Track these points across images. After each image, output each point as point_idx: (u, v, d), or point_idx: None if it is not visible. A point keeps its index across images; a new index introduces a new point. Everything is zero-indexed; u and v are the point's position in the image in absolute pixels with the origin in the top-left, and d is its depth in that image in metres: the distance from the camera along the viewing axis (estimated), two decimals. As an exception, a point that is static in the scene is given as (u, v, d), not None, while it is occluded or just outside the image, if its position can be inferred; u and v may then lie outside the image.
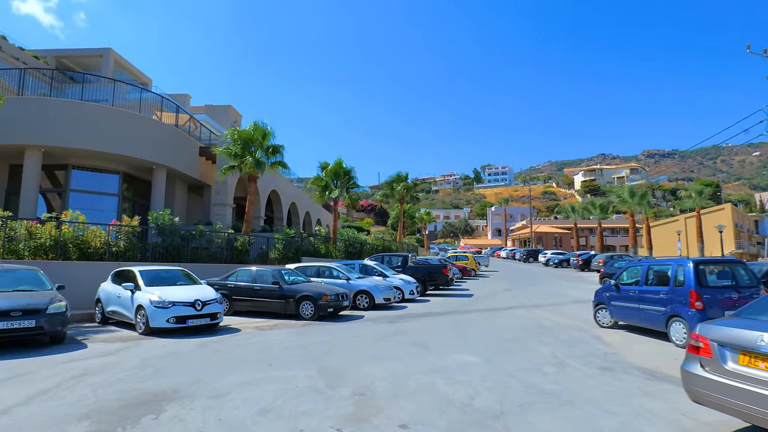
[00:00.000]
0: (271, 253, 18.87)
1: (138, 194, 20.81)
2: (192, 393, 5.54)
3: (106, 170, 19.40)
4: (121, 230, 14.32)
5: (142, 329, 9.77)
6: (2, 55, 24.51)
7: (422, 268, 19.56)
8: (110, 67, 28.18)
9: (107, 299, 11.20)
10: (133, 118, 19.22)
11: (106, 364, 7.11)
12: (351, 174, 24.25)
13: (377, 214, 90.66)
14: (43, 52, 29.10)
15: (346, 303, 12.64)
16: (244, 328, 10.72)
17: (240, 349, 8.38)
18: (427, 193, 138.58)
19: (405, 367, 6.88)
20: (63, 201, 18.22)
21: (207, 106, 33.99)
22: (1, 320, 7.66)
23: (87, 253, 13.37)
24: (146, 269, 11.01)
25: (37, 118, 16.82)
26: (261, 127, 19.05)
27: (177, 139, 20.92)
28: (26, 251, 12.49)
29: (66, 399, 5.30)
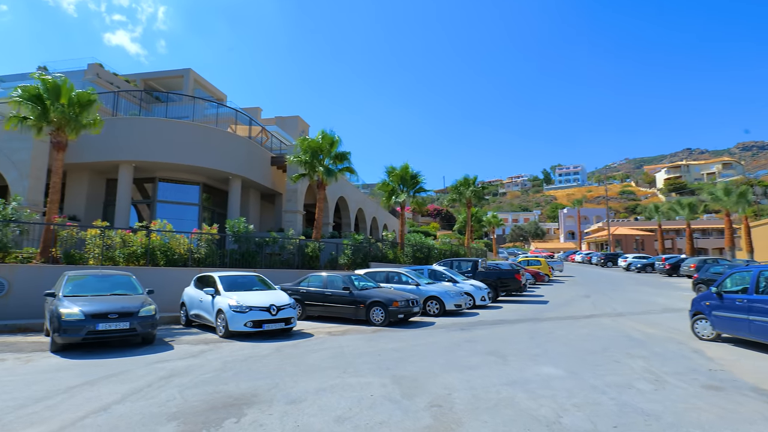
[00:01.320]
0: (341, 259, 19.15)
1: (216, 203, 22.01)
2: (270, 398, 5.62)
3: (188, 182, 20.70)
4: (202, 238, 15.15)
5: (222, 332, 10.20)
6: (100, 81, 27.07)
7: (493, 273, 18.94)
8: (190, 86, 30.21)
9: (190, 303, 11.84)
10: (211, 132, 20.39)
11: (191, 365, 7.44)
12: (417, 178, 24.10)
13: (443, 218, 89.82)
14: (132, 76, 31.82)
15: (417, 309, 12.46)
16: (316, 333, 10.88)
17: (313, 354, 8.46)
18: (494, 196, 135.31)
19: (482, 378, 6.57)
20: (151, 211, 19.67)
21: (277, 117, 35.43)
22: (101, 322, 8.29)
23: (172, 260, 14.27)
24: (225, 275, 11.52)
25: (128, 136, 18.31)
26: (328, 135, 19.45)
27: (250, 150, 21.91)
28: (121, 258, 13.54)
29: (156, 399, 5.56)
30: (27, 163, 16.55)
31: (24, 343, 9.32)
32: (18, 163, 16.65)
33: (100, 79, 27.24)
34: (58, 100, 13.47)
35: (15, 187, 16.45)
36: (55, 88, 13.47)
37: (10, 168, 16.70)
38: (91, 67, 28.19)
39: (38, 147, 16.62)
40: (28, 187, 16.32)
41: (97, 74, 27.53)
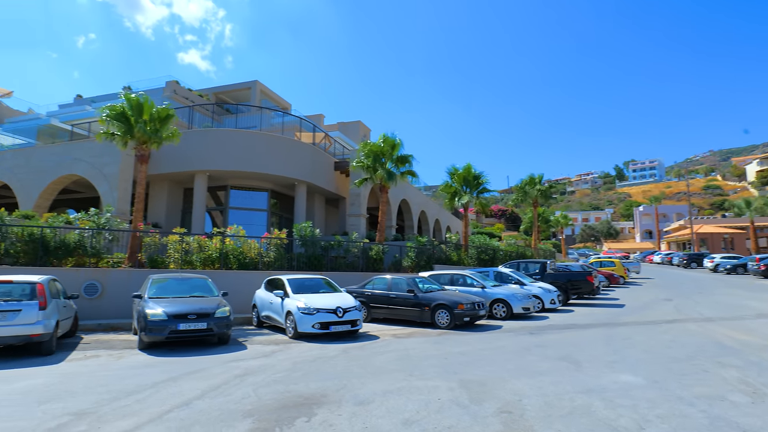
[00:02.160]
0: (404, 261, 19.18)
1: (283, 209, 22.85)
2: (339, 399, 5.71)
3: (257, 188, 21.67)
4: (271, 242, 15.78)
5: (291, 333, 10.54)
6: (176, 97, 29.07)
7: (563, 275, 18.13)
8: (257, 97, 31.63)
9: (261, 305, 12.35)
10: (277, 140, 21.23)
11: (263, 365, 7.74)
12: (480, 179, 23.64)
13: (508, 219, 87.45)
14: (205, 91, 33.84)
15: (483, 312, 12.19)
16: (382, 336, 10.94)
17: (380, 356, 8.51)
18: (562, 195, 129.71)
19: (554, 384, 6.28)
20: (224, 217, 20.79)
21: (339, 123, 36.21)
22: (182, 322, 8.86)
23: (244, 263, 14.97)
24: (293, 278, 11.90)
25: (202, 147, 19.49)
26: (390, 139, 19.59)
27: (315, 156, 22.54)
28: (198, 262, 14.41)
29: (232, 396, 5.84)
30: (116, 176, 18.10)
31: (116, 341, 10.16)
32: (108, 176, 18.26)
33: (177, 95, 29.23)
34: (141, 117, 14.61)
35: (106, 198, 18.04)
36: (138, 106, 14.62)
37: (101, 181, 18.35)
38: (168, 84, 30.34)
39: (125, 160, 18.12)
40: (117, 198, 17.84)
41: (174, 90, 29.58)
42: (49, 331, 8.29)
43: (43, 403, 5.51)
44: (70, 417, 4.98)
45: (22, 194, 19.71)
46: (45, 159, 19.79)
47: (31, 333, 8.09)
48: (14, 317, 8.01)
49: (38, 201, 19.38)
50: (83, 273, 12.62)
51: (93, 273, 12.78)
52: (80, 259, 13.21)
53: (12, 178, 20.10)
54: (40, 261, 12.57)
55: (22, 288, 8.50)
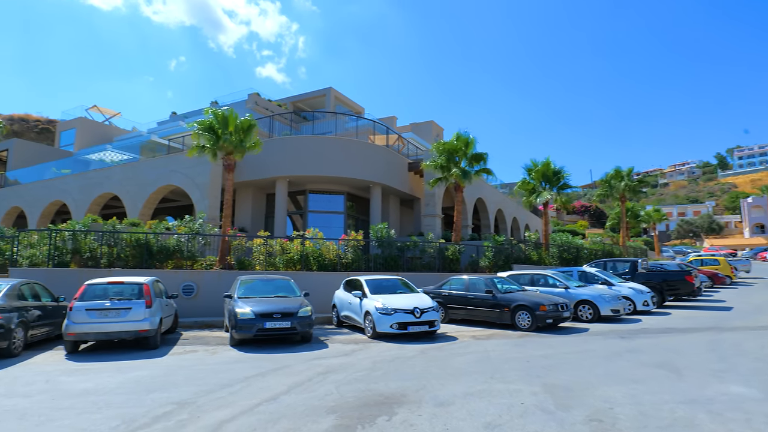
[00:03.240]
0: (481, 261, 18.78)
1: (359, 211, 23.35)
2: (418, 399, 5.71)
3: (334, 192, 22.34)
4: (349, 244, 16.18)
5: (369, 333, 10.72)
6: (257, 108, 30.82)
7: (657, 275, 16.75)
8: (331, 103, 32.62)
9: (341, 305, 12.70)
10: (351, 143, 21.75)
11: (344, 363, 7.95)
12: (561, 174, 22.53)
13: (592, 215, 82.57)
14: (283, 101, 35.52)
15: (567, 314, 11.59)
16: (460, 337, 10.79)
17: (459, 357, 8.40)
18: (653, 188, 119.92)
19: (651, 394, 5.81)
20: (303, 221, 21.67)
21: (412, 124, 36.31)
22: (268, 321, 9.35)
23: (323, 265, 15.49)
24: (370, 278, 12.11)
25: (282, 154, 20.46)
26: (463, 137, 19.30)
27: (388, 158, 22.79)
28: (281, 264, 15.14)
29: (316, 392, 6.05)
30: (206, 185, 19.55)
31: (210, 338, 10.96)
32: (200, 185, 19.77)
33: (258, 106, 30.98)
34: (227, 129, 15.66)
35: (199, 205, 19.54)
36: (224, 119, 15.68)
37: (194, 189, 19.91)
38: (250, 96, 32.24)
39: (214, 170, 19.52)
40: (208, 205, 19.26)
41: (255, 102, 31.39)
42: (154, 327, 9.14)
43: (151, 392, 6.08)
44: (173, 406, 5.44)
45: (129, 204, 21.93)
46: (147, 172, 21.88)
47: (140, 329, 8.96)
48: (126, 314, 8.93)
49: (142, 210, 21.46)
50: (181, 275, 13.77)
51: (189, 274, 13.90)
52: (178, 262, 14.42)
53: (121, 190, 22.44)
54: (145, 264, 13.91)
55: (131, 288, 9.45)
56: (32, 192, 26.07)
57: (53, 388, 6.32)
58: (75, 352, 9.01)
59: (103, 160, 27.05)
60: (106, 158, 27.42)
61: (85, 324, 8.75)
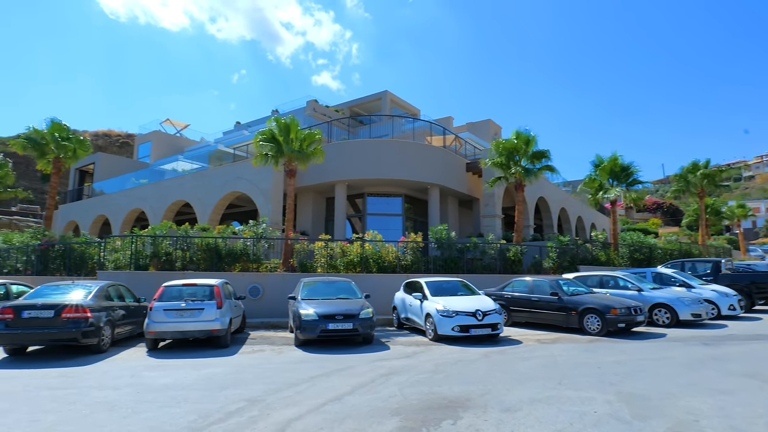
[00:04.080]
0: (545, 263, 18.11)
1: (417, 213, 23.30)
2: (484, 403, 5.58)
3: (392, 194, 22.45)
4: (408, 246, 16.18)
5: (431, 335, 10.64)
6: (316, 115, 31.64)
7: (744, 276, 15.37)
8: (387, 106, 32.84)
9: (401, 307, 12.71)
10: (408, 146, 21.77)
11: (406, 365, 7.94)
12: (630, 169, 21.27)
13: (665, 212, 77.39)
14: (340, 106, 36.22)
15: (641, 318, 10.89)
16: (525, 340, 10.45)
17: (524, 362, 8.13)
18: (736, 181, 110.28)
19: (741, 405, 5.32)
20: (362, 223, 21.94)
21: (468, 124, 35.80)
22: (331, 322, 9.54)
23: (383, 267, 15.59)
24: (431, 280, 12.03)
25: (341, 158, 20.86)
26: (523, 135, 18.75)
27: (446, 158, 22.59)
28: (341, 266, 15.41)
29: (379, 394, 6.08)
30: (269, 190, 20.31)
31: (275, 338, 11.34)
32: (263, 191, 20.57)
33: (316, 112, 31.81)
34: (288, 136, 16.18)
35: (262, 210, 20.33)
36: (286, 127, 16.22)
37: (258, 195, 20.74)
38: (308, 103, 33.18)
39: (276, 176, 20.24)
40: (271, 210, 19.99)
41: (313, 109, 32.25)
42: (224, 327, 9.60)
43: (224, 389, 6.37)
44: (244, 403, 5.67)
45: (199, 210, 23.24)
46: (214, 179, 23.08)
47: (212, 328, 9.44)
48: (199, 315, 9.44)
49: (211, 215, 22.65)
50: (248, 277, 14.38)
51: (255, 277, 14.48)
52: (245, 265, 15.07)
53: (192, 197, 23.82)
54: (215, 266, 14.66)
55: (203, 290, 9.99)
56: (115, 201, 28.30)
57: (137, 383, 6.79)
58: (155, 349, 9.65)
59: (176, 170, 28.85)
60: (178, 168, 29.23)
61: (164, 323, 9.35)
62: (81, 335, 8.72)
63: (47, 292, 9.52)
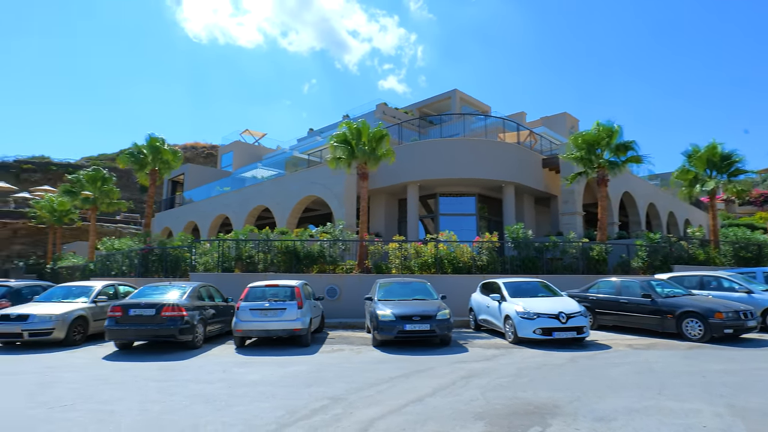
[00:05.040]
0: (633, 262, 16.86)
1: (491, 212, 22.71)
2: (573, 411, 5.26)
3: (464, 194, 22.07)
4: (483, 246, 15.80)
5: (510, 338, 10.28)
6: (385, 117, 31.96)
7: None
8: (457, 105, 32.40)
9: (478, 308, 12.42)
10: (480, 144, 21.29)
11: (487, 368, 7.72)
12: (731, 158, 19.22)
13: (774, 205, 69.24)
14: (409, 107, 36.29)
15: (752, 323, 9.78)
16: (614, 345, 9.79)
17: (615, 368, 7.60)
18: None
19: None
20: (435, 224, 21.77)
21: (542, 118, 34.35)
22: (408, 323, 9.52)
23: (457, 267, 15.34)
24: (509, 281, 11.64)
25: (411, 159, 20.85)
26: (606, 126, 17.60)
27: (520, 155, 21.82)
28: (415, 267, 15.38)
29: (461, 397, 5.95)
30: (342, 194, 20.78)
31: (354, 338, 11.54)
32: (337, 194, 21.08)
33: (386, 115, 32.12)
34: (360, 140, 16.46)
35: (337, 213, 20.84)
36: (357, 131, 16.51)
37: (332, 198, 21.30)
38: (378, 107, 33.59)
39: (349, 180, 20.66)
40: (345, 213, 20.43)
41: (383, 112, 32.61)
42: (305, 326, 9.93)
43: (308, 386, 6.57)
44: (328, 400, 5.80)
45: (278, 215, 24.32)
46: (291, 185, 24.05)
47: (293, 328, 9.80)
48: (281, 314, 9.85)
49: (289, 219, 23.61)
50: (325, 278, 14.79)
51: (332, 278, 14.86)
52: (322, 266, 15.52)
53: (271, 202, 25.00)
54: (294, 268, 15.24)
55: (284, 291, 10.40)
56: (202, 208, 30.44)
57: (229, 378, 7.20)
58: (242, 346, 10.20)
59: (255, 177, 30.46)
60: (257, 175, 30.83)
61: (250, 322, 9.86)
62: (178, 332, 9.43)
63: (149, 293, 10.41)
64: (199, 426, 4.87)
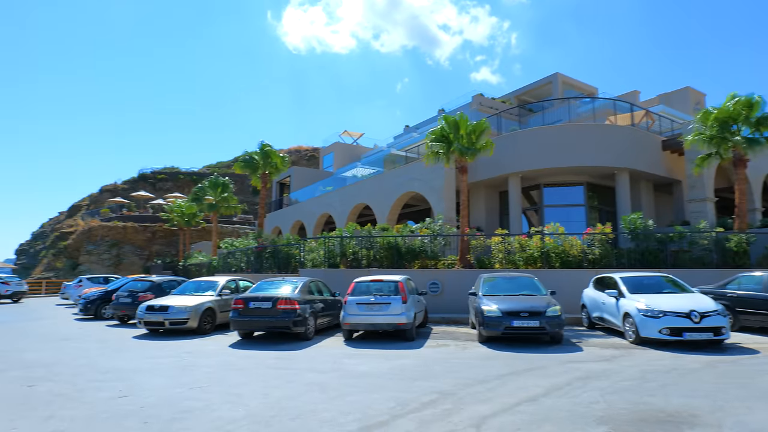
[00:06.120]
0: (782, 254, 14.52)
1: (602, 201, 21.04)
2: (716, 422, 4.64)
3: (571, 183, 20.70)
4: (595, 238, 14.68)
5: (631, 338, 9.42)
6: (482, 108, 31.10)
7: None
8: (559, 89, 30.50)
9: (591, 305, 11.56)
10: (587, 128, 19.81)
11: (605, 370, 7.14)
12: None
13: None
14: (506, 96, 34.95)
15: None
16: (762, 350, 8.51)
17: (767, 376, 6.58)
18: None
19: None
20: (539, 216, 20.72)
21: (660, 95, 31.00)
22: (515, 319, 9.17)
23: (566, 261, 14.44)
24: (627, 276, 10.68)
25: (512, 150, 20.05)
26: (743, 99, 15.33)
27: (635, 138, 19.91)
28: (520, 261, 14.77)
29: (578, 399, 5.56)
30: (441, 188, 20.62)
31: (458, 333, 11.39)
32: (436, 189, 20.98)
33: (482, 106, 31.23)
34: (458, 133, 16.19)
35: (436, 208, 20.75)
36: (455, 124, 16.25)
37: (431, 193, 21.25)
38: (474, 98, 32.77)
39: (447, 174, 20.45)
40: (444, 207, 20.27)
41: (479, 103, 31.75)
42: (410, 321, 10.01)
43: (415, 380, 6.60)
44: (437, 395, 5.77)
45: (378, 211, 24.89)
46: (389, 182, 24.44)
47: (398, 322, 9.94)
48: (386, 309, 10.03)
49: (388, 216, 24.03)
50: (426, 273, 14.80)
51: (433, 273, 14.83)
52: (423, 261, 15.56)
53: (371, 200, 25.65)
54: (396, 264, 15.47)
55: (388, 285, 10.58)
56: (307, 208, 32.19)
57: (340, 368, 7.50)
58: (350, 339, 10.58)
59: (355, 176, 31.46)
60: (357, 174, 31.83)
61: (357, 315, 10.19)
62: (292, 324, 10.06)
63: (265, 287, 11.24)
64: (318, 412, 5.12)
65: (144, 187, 58.89)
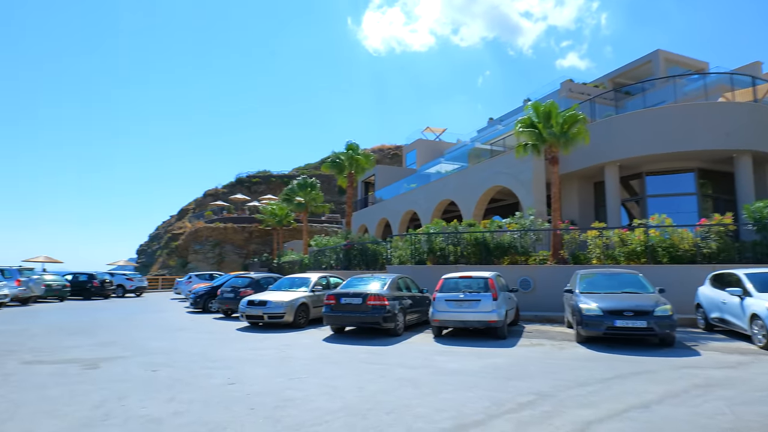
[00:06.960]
0: None
1: (717, 189, 18.82)
2: None
3: (679, 170, 18.77)
4: (711, 230, 13.17)
5: (761, 342, 8.33)
6: (573, 95, 29.26)
7: None
8: (661, 67, 27.86)
9: (709, 305, 10.41)
10: (698, 108, 17.85)
11: (730, 377, 6.37)
12: None
13: None
14: (599, 80, 32.55)
15: None
16: None
17: None
18: None
19: None
20: (641, 207, 19.05)
21: (788, 65, 27.02)
22: (618, 318, 8.50)
23: (675, 256, 13.12)
24: (754, 272, 9.45)
25: (608, 137, 18.64)
26: None
27: (758, 116, 17.57)
28: (621, 256, 13.69)
29: (699, 408, 5.01)
30: (530, 181, 19.74)
31: (553, 332, 10.84)
32: (524, 182, 20.14)
33: (572, 92, 29.36)
34: (548, 122, 15.38)
35: (525, 202, 19.92)
36: (546, 113, 15.46)
37: (519, 187, 20.43)
38: (563, 85, 30.93)
39: (536, 166, 19.52)
40: (533, 201, 19.38)
41: (569, 89, 29.89)
42: (501, 318, 9.70)
43: (510, 380, 6.37)
44: (534, 396, 5.51)
45: (463, 207, 24.46)
46: (474, 176, 23.90)
47: (489, 319, 9.67)
48: (476, 306, 9.81)
49: (474, 211, 23.52)
50: (517, 269, 14.26)
51: (524, 269, 14.25)
52: (513, 258, 15.01)
53: (456, 195, 25.29)
54: (484, 260, 15.09)
55: (478, 282, 10.34)
56: (392, 205, 32.53)
57: (431, 365, 7.46)
58: (440, 335, 10.51)
59: (439, 172, 31.20)
60: (441, 170, 31.54)
61: (446, 312, 10.08)
62: (382, 320, 10.21)
63: (355, 283, 11.52)
64: (411, 407, 5.13)
65: (241, 190, 63.46)
